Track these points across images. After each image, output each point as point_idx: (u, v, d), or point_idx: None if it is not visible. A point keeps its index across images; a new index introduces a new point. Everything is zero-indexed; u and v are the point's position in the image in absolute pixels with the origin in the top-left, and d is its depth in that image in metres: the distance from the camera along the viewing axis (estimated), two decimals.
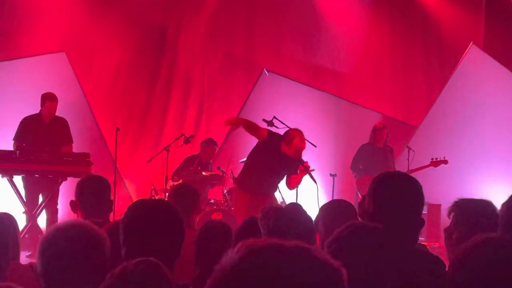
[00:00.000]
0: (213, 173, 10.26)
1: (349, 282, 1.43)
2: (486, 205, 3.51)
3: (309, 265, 1.38)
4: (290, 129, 8.06)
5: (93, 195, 4.57)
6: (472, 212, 3.41)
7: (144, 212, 2.94)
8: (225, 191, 9.97)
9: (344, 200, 4.38)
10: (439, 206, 10.61)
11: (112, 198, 4.81)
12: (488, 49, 12.10)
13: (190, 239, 3.59)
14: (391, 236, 2.78)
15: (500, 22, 12.69)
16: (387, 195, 3.03)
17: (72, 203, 4.61)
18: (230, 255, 1.39)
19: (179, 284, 2.70)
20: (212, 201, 9.95)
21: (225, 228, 3.86)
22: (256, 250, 1.39)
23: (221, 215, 9.14)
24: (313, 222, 3.71)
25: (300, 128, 9.57)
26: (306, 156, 9.88)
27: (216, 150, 10.71)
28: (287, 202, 8.46)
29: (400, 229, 2.98)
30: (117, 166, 9.89)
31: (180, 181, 9.52)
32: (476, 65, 11.70)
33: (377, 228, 2.60)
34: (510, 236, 2.42)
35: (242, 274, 1.37)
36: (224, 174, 10.13)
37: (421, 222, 3.06)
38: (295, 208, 3.57)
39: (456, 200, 3.60)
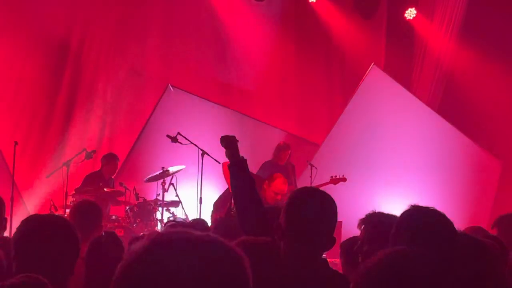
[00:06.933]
0: (115, 189, 10.07)
1: None
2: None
3: (216, 251, 1.40)
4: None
5: None
6: (384, 226, 3.41)
7: (36, 227, 2.86)
8: (128, 208, 9.81)
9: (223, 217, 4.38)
10: (340, 223, 10.76)
11: (7, 215, 4.65)
12: (388, 70, 12.47)
13: None
14: (290, 251, 2.78)
15: (400, 43, 13.14)
16: (300, 210, 3.02)
17: None
18: (139, 243, 1.39)
19: None
20: (113, 217, 9.75)
21: (115, 239, 3.75)
22: (164, 235, 1.40)
23: (122, 232, 8.98)
24: None
25: (204, 144, 9.59)
26: (210, 172, 9.90)
27: (118, 166, 10.54)
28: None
29: (309, 243, 2.99)
30: (15, 181, 9.58)
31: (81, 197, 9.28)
32: (377, 85, 12.01)
33: (268, 243, 2.59)
34: (416, 249, 2.43)
35: (150, 256, 1.37)
36: (126, 190, 9.97)
37: (333, 241, 3.06)
38: (198, 223, 3.54)
39: (368, 213, 3.63)
